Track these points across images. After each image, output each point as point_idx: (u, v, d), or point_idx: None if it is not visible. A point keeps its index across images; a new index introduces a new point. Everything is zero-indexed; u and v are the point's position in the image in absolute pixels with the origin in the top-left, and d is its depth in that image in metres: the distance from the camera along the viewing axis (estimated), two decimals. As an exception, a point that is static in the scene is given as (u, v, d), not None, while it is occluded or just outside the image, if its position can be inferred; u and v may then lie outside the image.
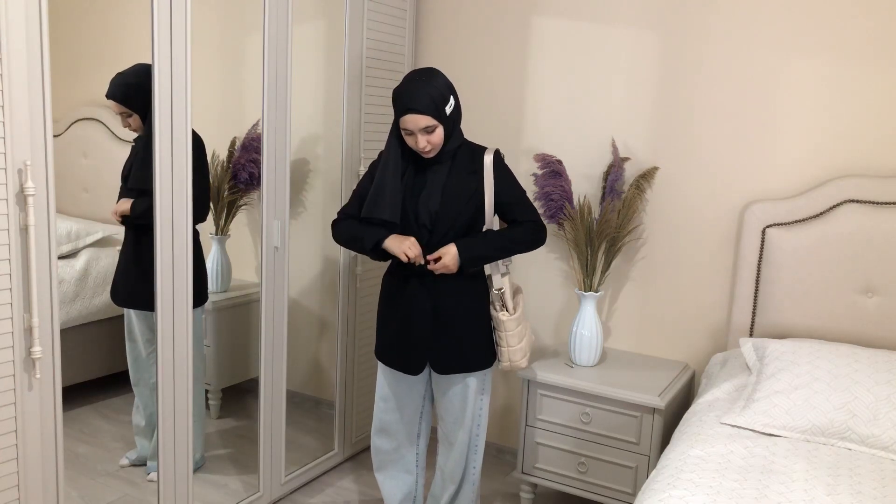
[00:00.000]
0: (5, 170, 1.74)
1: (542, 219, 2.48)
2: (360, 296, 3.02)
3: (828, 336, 2.45)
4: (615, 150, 2.78)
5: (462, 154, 2.26)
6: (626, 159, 2.82)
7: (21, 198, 1.78)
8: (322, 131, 3.00)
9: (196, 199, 2.23)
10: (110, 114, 2.39)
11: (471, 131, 2.96)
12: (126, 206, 2.31)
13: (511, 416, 3.23)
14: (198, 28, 2.15)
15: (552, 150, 2.94)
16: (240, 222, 2.85)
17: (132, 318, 2.42)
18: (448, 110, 2.14)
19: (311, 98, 2.92)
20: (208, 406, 2.97)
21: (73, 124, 2.41)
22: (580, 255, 2.72)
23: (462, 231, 2.24)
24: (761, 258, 2.56)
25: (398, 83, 2.20)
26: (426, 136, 2.13)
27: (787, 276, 2.49)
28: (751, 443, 1.96)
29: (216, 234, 2.79)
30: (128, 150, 2.35)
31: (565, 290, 3.05)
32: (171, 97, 2.11)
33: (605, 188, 2.75)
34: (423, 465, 2.54)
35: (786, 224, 2.51)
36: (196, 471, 2.48)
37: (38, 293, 1.84)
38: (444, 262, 2.18)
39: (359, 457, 3.17)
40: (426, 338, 2.28)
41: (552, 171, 2.74)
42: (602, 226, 2.67)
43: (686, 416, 2.23)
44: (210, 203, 2.58)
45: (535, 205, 2.63)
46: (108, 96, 2.27)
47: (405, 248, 2.18)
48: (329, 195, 2.97)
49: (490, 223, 2.26)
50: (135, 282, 2.36)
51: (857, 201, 2.41)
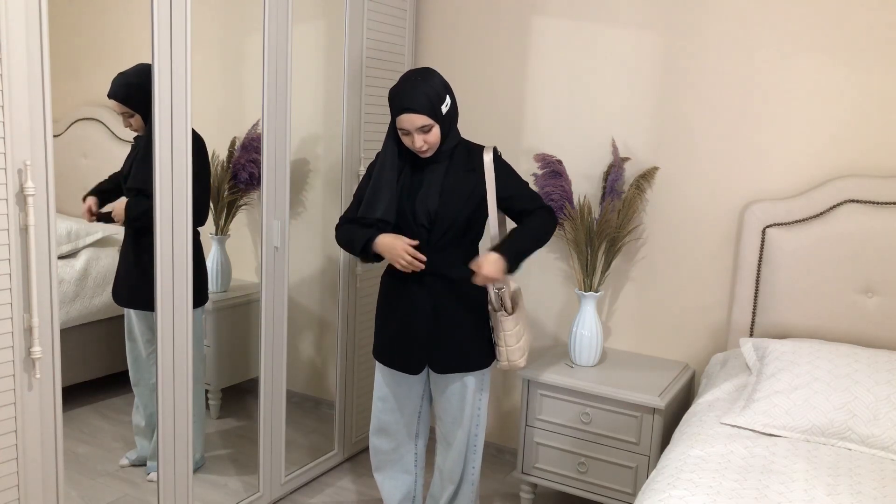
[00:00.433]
0: (5, 170, 1.74)
1: None
2: (360, 296, 3.02)
3: (828, 336, 2.45)
4: (615, 150, 2.78)
5: (459, 153, 2.26)
6: (626, 159, 2.82)
7: (21, 198, 1.78)
8: (322, 131, 3.00)
9: (196, 204, 2.23)
10: (110, 114, 2.39)
11: (471, 131, 2.96)
12: (120, 207, 2.31)
13: (511, 415, 3.23)
14: (198, 28, 2.15)
15: (552, 150, 2.94)
16: (240, 222, 2.85)
17: (132, 318, 2.42)
18: (444, 109, 2.14)
19: (311, 98, 2.92)
20: (208, 406, 2.97)
21: (73, 124, 2.40)
22: (580, 255, 2.72)
23: (461, 230, 2.23)
24: (761, 258, 2.56)
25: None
26: (423, 135, 2.13)
27: (788, 276, 2.48)
28: (751, 443, 1.96)
29: (216, 234, 2.79)
30: (128, 151, 2.35)
31: (565, 290, 3.05)
32: (171, 97, 2.10)
33: (605, 188, 2.74)
34: (423, 465, 2.54)
35: (786, 224, 2.51)
36: (196, 471, 2.47)
37: (38, 293, 1.84)
38: (485, 273, 2.10)
39: (358, 457, 3.17)
40: (426, 337, 2.28)
41: (552, 171, 2.74)
42: (602, 226, 2.67)
43: (686, 416, 2.23)
44: (209, 207, 2.57)
45: (536, 205, 2.64)
46: (110, 96, 2.27)
47: (396, 256, 2.17)
48: (329, 195, 2.97)
49: (493, 220, 2.26)
50: (135, 282, 2.36)
51: (857, 201, 2.41)
